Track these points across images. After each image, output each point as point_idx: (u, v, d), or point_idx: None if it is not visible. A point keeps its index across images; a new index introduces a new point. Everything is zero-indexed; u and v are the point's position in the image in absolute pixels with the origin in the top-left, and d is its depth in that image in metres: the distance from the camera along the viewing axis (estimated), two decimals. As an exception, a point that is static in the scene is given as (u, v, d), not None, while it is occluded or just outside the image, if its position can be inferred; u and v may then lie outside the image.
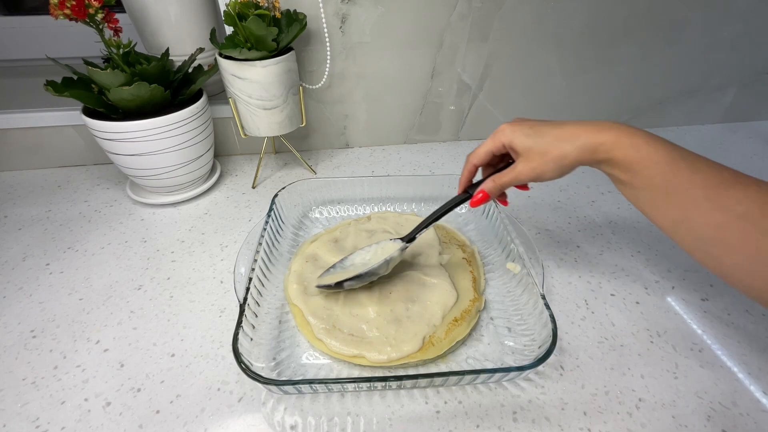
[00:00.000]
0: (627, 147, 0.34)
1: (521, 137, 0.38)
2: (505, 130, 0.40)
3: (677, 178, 0.32)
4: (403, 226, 0.57)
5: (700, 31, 0.73)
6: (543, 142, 0.37)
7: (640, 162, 0.34)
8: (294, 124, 0.66)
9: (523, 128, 0.39)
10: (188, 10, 0.64)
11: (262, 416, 0.38)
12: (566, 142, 0.36)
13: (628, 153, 0.34)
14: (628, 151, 0.34)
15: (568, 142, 0.36)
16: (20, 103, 0.69)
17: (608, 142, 0.35)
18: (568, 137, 0.36)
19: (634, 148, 0.34)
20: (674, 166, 0.33)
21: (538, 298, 0.42)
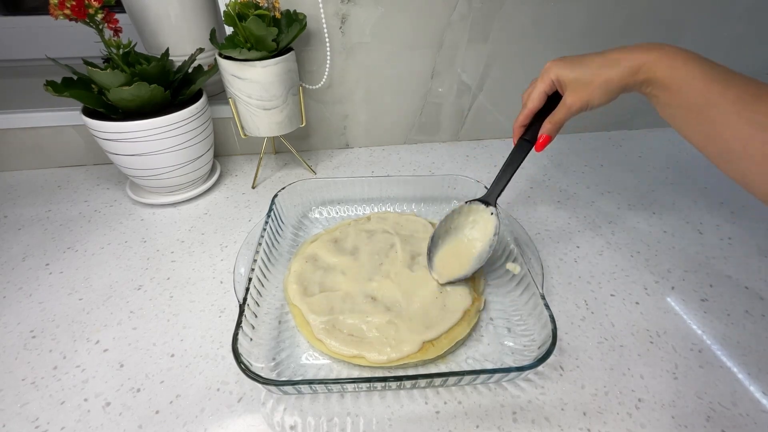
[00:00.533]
0: (666, 67, 0.35)
1: (566, 71, 0.40)
2: (552, 67, 0.42)
3: (711, 94, 0.33)
4: (403, 226, 0.57)
5: (699, 31, 0.73)
6: (588, 71, 0.39)
7: (677, 80, 0.35)
8: (294, 125, 0.66)
9: (567, 62, 0.41)
10: (188, 10, 0.64)
11: (261, 416, 0.38)
12: (609, 68, 0.38)
13: (666, 72, 0.35)
14: (666, 71, 0.35)
15: (611, 67, 0.38)
16: (20, 103, 0.69)
17: (648, 62, 0.36)
18: (611, 63, 0.38)
19: (672, 68, 0.35)
20: (709, 83, 0.34)
21: (538, 298, 0.42)
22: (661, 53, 0.36)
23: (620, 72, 0.37)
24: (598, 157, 0.76)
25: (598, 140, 0.82)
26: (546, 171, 0.73)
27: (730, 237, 0.58)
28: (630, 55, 0.37)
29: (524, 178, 0.71)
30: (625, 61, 0.37)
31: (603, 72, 0.38)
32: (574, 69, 0.40)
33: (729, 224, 0.60)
